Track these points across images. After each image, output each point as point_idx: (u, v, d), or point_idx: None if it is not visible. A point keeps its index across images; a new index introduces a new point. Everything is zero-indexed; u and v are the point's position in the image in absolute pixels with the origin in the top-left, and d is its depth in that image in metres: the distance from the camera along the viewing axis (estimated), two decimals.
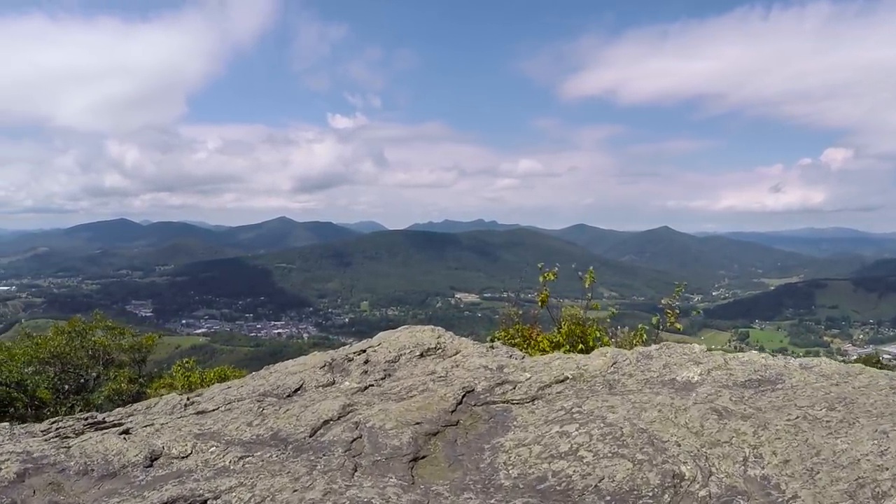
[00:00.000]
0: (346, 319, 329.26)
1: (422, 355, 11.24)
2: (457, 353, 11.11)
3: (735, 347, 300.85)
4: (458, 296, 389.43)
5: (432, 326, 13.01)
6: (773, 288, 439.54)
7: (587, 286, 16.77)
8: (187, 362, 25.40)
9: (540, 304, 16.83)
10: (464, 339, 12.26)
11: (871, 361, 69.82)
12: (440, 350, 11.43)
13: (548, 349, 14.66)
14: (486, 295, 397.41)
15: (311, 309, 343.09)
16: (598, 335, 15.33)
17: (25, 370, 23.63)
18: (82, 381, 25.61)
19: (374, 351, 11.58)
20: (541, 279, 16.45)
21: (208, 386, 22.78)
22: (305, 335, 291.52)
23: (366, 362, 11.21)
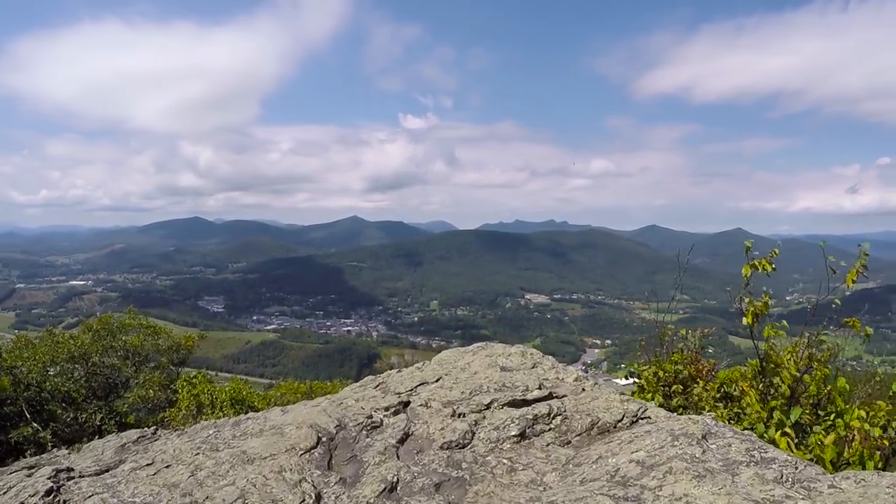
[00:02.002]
0: (416, 318, 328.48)
1: (522, 435, 6.57)
2: (592, 424, 6.63)
3: None
4: (527, 296, 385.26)
5: (522, 348, 9.96)
6: (848, 293, 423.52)
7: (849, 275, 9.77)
8: (195, 377, 22.08)
9: (748, 319, 9.89)
10: (579, 372, 8.89)
11: None
12: (554, 411, 6.95)
13: (759, 409, 9.26)
14: (556, 296, 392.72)
15: (380, 307, 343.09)
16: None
17: (49, 370, 21.23)
18: (112, 383, 23.01)
19: (424, 404, 7.55)
20: (745, 273, 9.68)
21: (220, 407, 19.46)
22: (375, 333, 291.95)
23: (404, 438, 6.72)
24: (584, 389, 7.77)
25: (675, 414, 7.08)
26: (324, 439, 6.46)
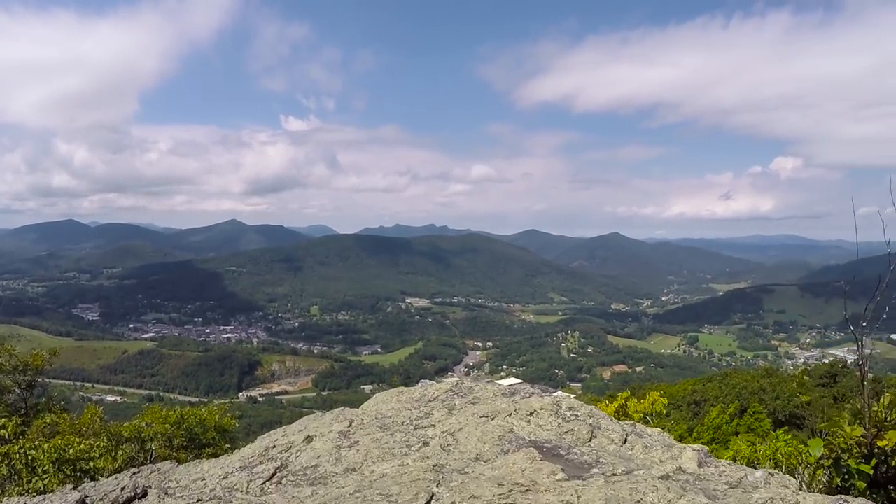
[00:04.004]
0: (296, 324, 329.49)
1: None
2: None
3: (684, 351, 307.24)
4: (409, 300, 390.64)
5: (552, 398, 9.01)
6: (721, 293, 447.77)
7: None
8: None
9: None
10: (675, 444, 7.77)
11: (839, 366, 72.32)
12: None
13: None
14: (437, 300, 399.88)
15: (260, 313, 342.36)
16: None
17: None
18: None
19: None
20: None
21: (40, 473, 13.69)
22: (255, 340, 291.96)
23: None
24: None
25: None
26: None
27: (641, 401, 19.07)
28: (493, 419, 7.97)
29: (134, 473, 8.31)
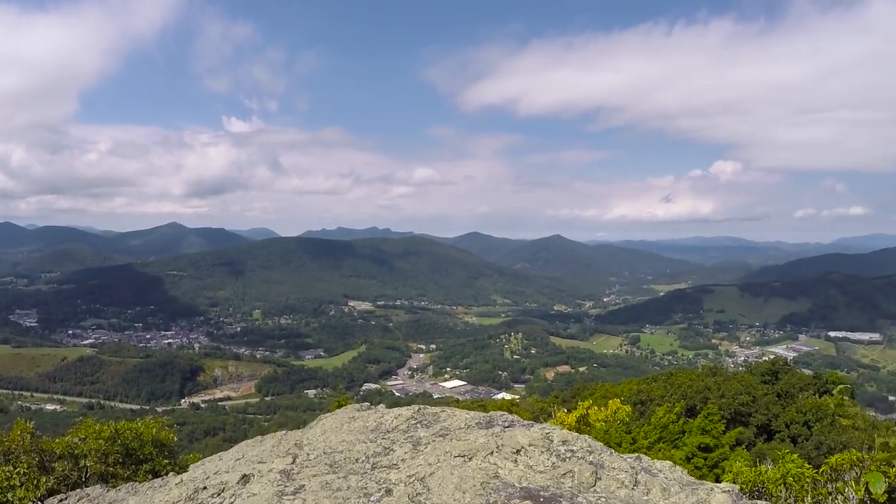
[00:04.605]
0: (238, 328, 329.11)
1: None
2: None
3: (626, 351, 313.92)
4: (351, 304, 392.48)
5: (541, 430, 7.99)
6: (662, 294, 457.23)
7: None
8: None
9: None
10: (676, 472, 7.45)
11: (781, 363, 75.29)
12: None
13: None
14: (380, 303, 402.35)
15: (202, 318, 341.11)
16: None
17: None
18: None
19: None
20: None
21: None
22: (197, 345, 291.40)
23: None
24: None
25: None
26: None
27: (602, 409, 18.22)
28: (471, 459, 6.84)
29: (61, 501, 8.21)
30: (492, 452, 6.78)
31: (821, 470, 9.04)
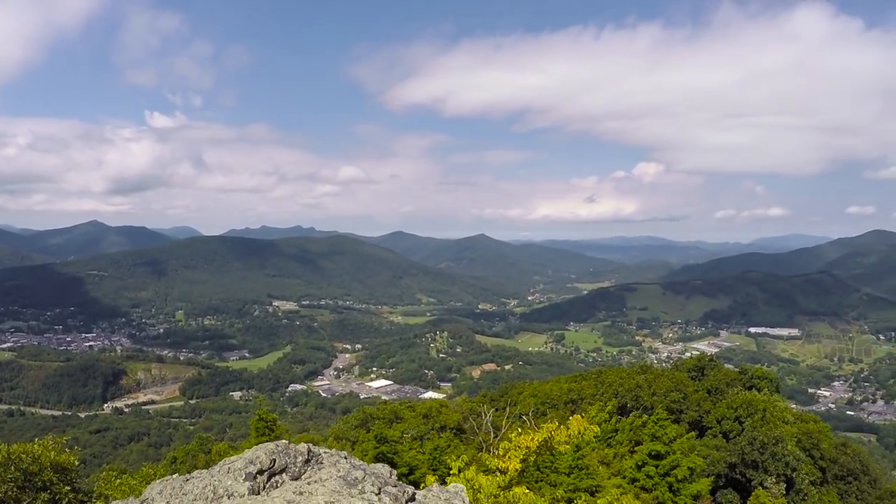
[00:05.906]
0: (161, 330, 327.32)
1: None
2: None
3: (551, 349, 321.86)
4: (276, 304, 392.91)
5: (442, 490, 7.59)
6: (586, 292, 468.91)
7: None
8: None
9: None
10: None
11: (706, 360, 79.04)
12: None
13: None
14: (304, 302, 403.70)
15: (124, 319, 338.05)
16: None
17: None
18: None
19: None
20: None
21: None
22: (119, 347, 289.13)
23: None
24: None
25: None
26: None
27: (567, 429, 17.22)
28: None
29: None
30: None
31: None
